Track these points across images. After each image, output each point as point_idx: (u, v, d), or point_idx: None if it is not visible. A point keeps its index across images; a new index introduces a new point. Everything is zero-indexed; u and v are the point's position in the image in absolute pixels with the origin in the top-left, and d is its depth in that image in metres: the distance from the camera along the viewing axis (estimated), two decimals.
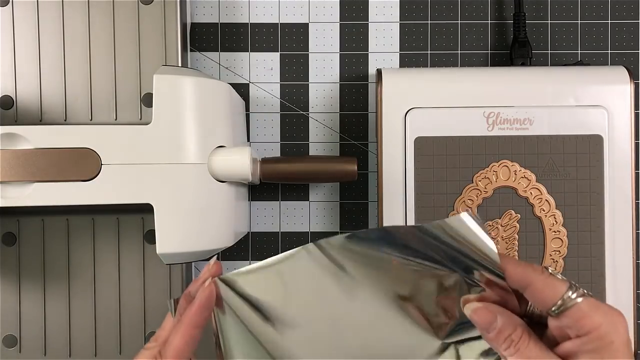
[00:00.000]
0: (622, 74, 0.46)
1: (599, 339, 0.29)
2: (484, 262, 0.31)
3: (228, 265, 0.52)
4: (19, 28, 0.45)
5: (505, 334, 0.30)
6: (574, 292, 0.29)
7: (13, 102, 0.45)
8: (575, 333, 0.29)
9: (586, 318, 0.29)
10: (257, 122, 0.52)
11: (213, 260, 0.35)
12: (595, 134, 0.46)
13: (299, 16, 0.52)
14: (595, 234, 0.46)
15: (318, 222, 0.52)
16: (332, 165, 0.45)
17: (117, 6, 0.46)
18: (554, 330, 0.31)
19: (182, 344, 0.32)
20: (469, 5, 0.52)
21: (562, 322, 0.30)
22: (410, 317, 0.33)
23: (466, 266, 0.31)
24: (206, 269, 0.34)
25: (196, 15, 0.52)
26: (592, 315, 0.29)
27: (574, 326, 0.29)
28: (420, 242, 0.31)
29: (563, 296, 0.29)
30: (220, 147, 0.42)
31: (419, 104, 0.46)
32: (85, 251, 0.46)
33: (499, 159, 0.46)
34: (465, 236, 0.30)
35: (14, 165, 0.40)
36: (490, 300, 0.32)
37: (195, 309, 0.32)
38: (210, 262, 0.34)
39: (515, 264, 0.31)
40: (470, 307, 0.31)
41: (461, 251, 0.31)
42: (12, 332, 0.46)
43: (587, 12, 0.52)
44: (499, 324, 0.30)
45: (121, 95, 0.46)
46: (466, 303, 0.32)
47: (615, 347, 0.29)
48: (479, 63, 0.52)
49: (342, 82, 0.52)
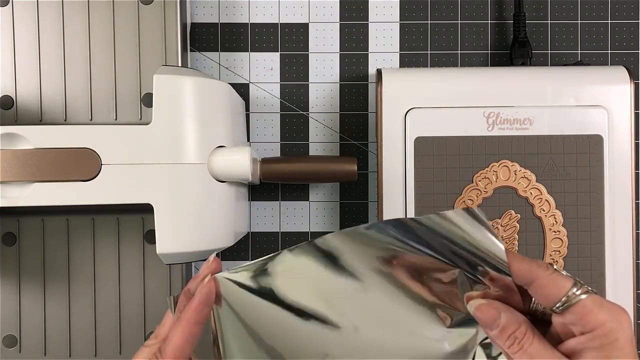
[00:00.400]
0: (622, 74, 0.46)
1: (603, 335, 0.29)
2: (487, 258, 0.31)
3: (228, 265, 0.52)
4: (19, 28, 0.45)
5: (509, 331, 0.30)
6: (579, 289, 0.29)
7: (13, 102, 0.45)
8: (579, 330, 0.29)
9: (591, 315, 0.29)
10: (257, 122, 0.52)
11: (212, 257, 0.35)
12: (595, 134, 0.46)
13: (299, 16, 0.52)
14: (595, 234, 0.46)
15: (318, 222, 0.52)
16: (332, 165, 0.45)
17: (117, 6, 0.46)
18: (558, 327, 0.30)
19: (182, 341, 0.32)
20: (469, 5, 0.52)
21: (566, 318, 0.30)
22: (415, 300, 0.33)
23: (469, 262, 0.31)
24: (205, 266, 0.34)
25: (196, 15, 0.52)
26: (597, 312, 0.29)
27: (579, 323, 0.29)
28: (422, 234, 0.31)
29: (567, 293, 0.29)
30: (220, 147, 0.42)
31: (419, 104, 0.46)
32: (85, 251, 0.46)
33: (499, 159, 0.46)
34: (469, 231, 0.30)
35: (14, 165, 0.40)
36: (493, 298, 0.31)
37: (195, 306, 0.32)
38: (210, 259, 0.34)
39: (520, 260, 0.31)
40: (473, 304, 0.31)
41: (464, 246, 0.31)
42: (12, 332, 0.46)
43: (587, 12, 0.52)
44: (502, 321, 0.30)
45: (121, 95, 0.46)
46: (469, 300, 0.32)
47: (620, 344, 0.28)
48: (479, 63, 0.52)
49: (342, 82, 0.52)
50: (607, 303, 0.29)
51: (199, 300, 0.32)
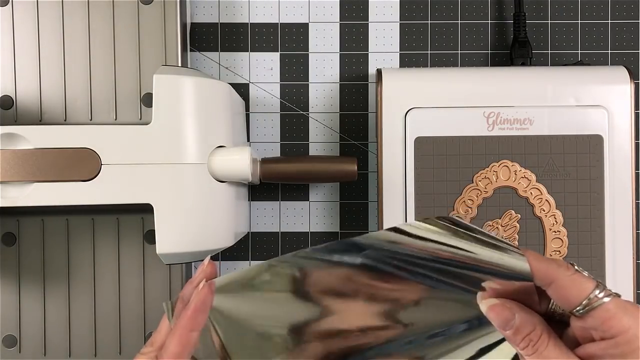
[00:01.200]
0: (622, 74, 0.46)
1: (626, 343, 0.27)
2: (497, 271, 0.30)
3: (228, 265, 0.52)
4: (19, 28, 0.45)
5: (524, 333, 0.29)
6: (601, 292, 0.28)
7: (13, 102, 0.45)
8: (600, 335, 0.28)
9: (613, 320, 0.27)
10: (257, 122, 0.52)
11: (207, 260, 0.34)
12: (595, 134, 0.46)
13: (299, 16, 0.52)
14: (595, 234, 0.46)
15: (318, 222, 0.52)
16: (332, 165, 0.45)
17: (117, 6, 0.46)
18: (577, 330, 0.29)
19: (179, 349, 0.31)
20: (469, 5, 0.52)
21: (586, 322, 0.28)
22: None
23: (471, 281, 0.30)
24: (200, 270, 0.33)
25: (196, 15, 0.52)
26: (620, 317, 0.27)
27: (600, 328, 0.27)
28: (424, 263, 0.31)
29: (589, 295, 0.28)
30: (220, 147, 0.42)
31: (419, 104, 0.46)
32: (85, 251, 0.46)
33: (499, 159, 0.46)
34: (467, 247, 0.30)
35: (14, 165, 0.40)
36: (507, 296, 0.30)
37: (191, 313, 0.31)
38: (204, 263, 0.34)
39: (538, 260, 0.29)
40: (487, 303, 0.30)
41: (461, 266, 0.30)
42: (12, 332, 0.46)
43: (587, 12, 0.52)
44: (516, 322, 0.29)
45: (121, 95, 0.46)
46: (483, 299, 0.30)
47: None
48: (479, 63, 0.52)
49: (342, 82, 0.52)
50: (632, 307, 0.27)
51: (195, 308, 0.31)
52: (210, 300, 0.32)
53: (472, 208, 0.46)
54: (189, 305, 0.32)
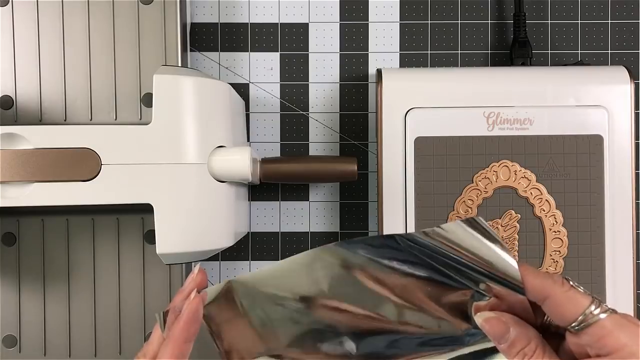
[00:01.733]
0: (622, 74, 0.46)
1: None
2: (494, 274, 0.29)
3: (228, 266, 0.52)
4: (19, 28, 0.45)
5: (519, 347, 0.28)
6: (597, 308, 0.27)
7: (13, 102, 0.45)
8: (595, 352, 0.27)
9: (609, 337, 0.27)
10: (257, 122, 0.52)
11: (197, 268, 0.34)
12: (595, 134, 0.46)
13: (299, 16, 0.52)
14: (595, 234, 0.46)
15: (318, 222, 0.52)
16: (332, 165, 0.45)
17: (117, 6, 0.46)
18: (572, 346, 0.28)
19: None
20: (469, 5, 0.52)
21: (582, 339, 0.27)
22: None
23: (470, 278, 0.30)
24: (190, 279, 0.33)
25: (196, 15, 0.52)
26: (617, 334, 0.26)
27: (595, 345, 0.27)
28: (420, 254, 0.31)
29: (585, 311, 0.27)
30: (220, 147, 0.42)
31: (419, 104, 0.46)
32: (85, 251, 0.46)
33: (499, 159, 0.46)
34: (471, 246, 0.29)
35: (14, 165, 0.40)
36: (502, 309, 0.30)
37: (183, 324, 0.31)
38: (194, 271, 0.33)
39: (534, 275, 0.29)
40: (482, 316, 0.30)
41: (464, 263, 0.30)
42: (12, 332, 0.46)
43: (587, 12, 0.52)
44: (512, 335, 0.28)
45: (121, 95, 0.46)
46: (478, 311, 0.30)
47: None
48: (479, 63, 0.52)
49: (342, 82, 0.52)
50: (628, 324, 0.27)
51: (186, 319, 0.31)
52: (201, 311, 0.32)
53: (472, 208, 0.46)
54: (181, 316, 0.32)
